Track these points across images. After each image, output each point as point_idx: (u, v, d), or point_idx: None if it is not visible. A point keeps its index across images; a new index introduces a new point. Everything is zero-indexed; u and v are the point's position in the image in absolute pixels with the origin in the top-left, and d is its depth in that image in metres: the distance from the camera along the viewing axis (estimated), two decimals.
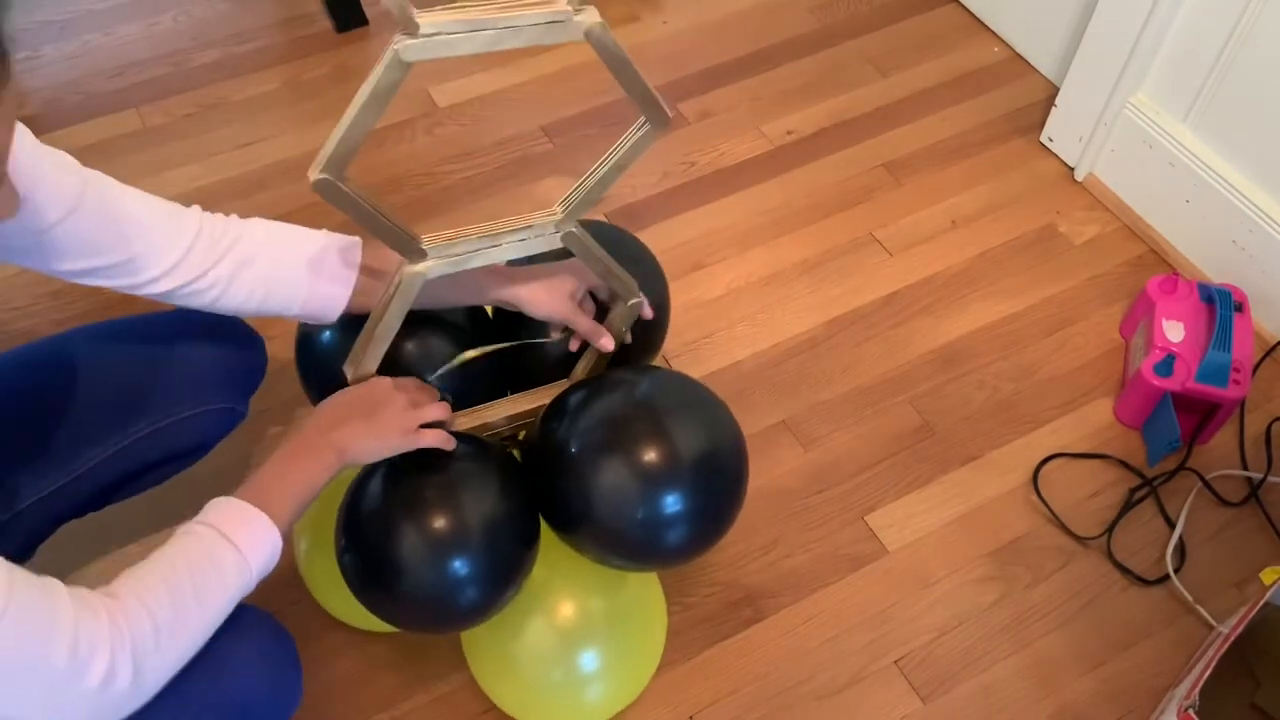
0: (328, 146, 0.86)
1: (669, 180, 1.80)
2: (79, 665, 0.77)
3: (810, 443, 1.52)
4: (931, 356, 1.62)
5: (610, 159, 0.99)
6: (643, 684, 1.27)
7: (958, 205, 1.80)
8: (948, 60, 2.01)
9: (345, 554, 1.06)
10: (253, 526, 0.92)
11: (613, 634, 1.21)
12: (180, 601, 0.86)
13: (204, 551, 0.89)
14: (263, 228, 1.05)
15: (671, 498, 1.05)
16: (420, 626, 1.14)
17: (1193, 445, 1.51)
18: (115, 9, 2.02)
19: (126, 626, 0.81)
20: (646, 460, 1.04)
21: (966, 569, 1.42)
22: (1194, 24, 1.57)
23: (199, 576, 0.88)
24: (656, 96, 0.93)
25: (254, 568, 0.92)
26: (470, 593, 1.04)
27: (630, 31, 2.03)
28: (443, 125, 1.86)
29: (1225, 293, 1.51)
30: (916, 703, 1.32)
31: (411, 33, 0.80)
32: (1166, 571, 1.41)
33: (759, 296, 1.67)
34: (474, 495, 1.05)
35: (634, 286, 1.13)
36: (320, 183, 0.88)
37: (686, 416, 1.09)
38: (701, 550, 1.13)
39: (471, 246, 1.00)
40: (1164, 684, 1.33)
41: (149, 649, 0.82)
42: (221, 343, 1.19)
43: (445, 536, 1.02)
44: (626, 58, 0.89)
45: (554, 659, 1.19)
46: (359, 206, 0.91)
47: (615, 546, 1.09)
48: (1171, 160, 1.67)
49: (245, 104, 1.89)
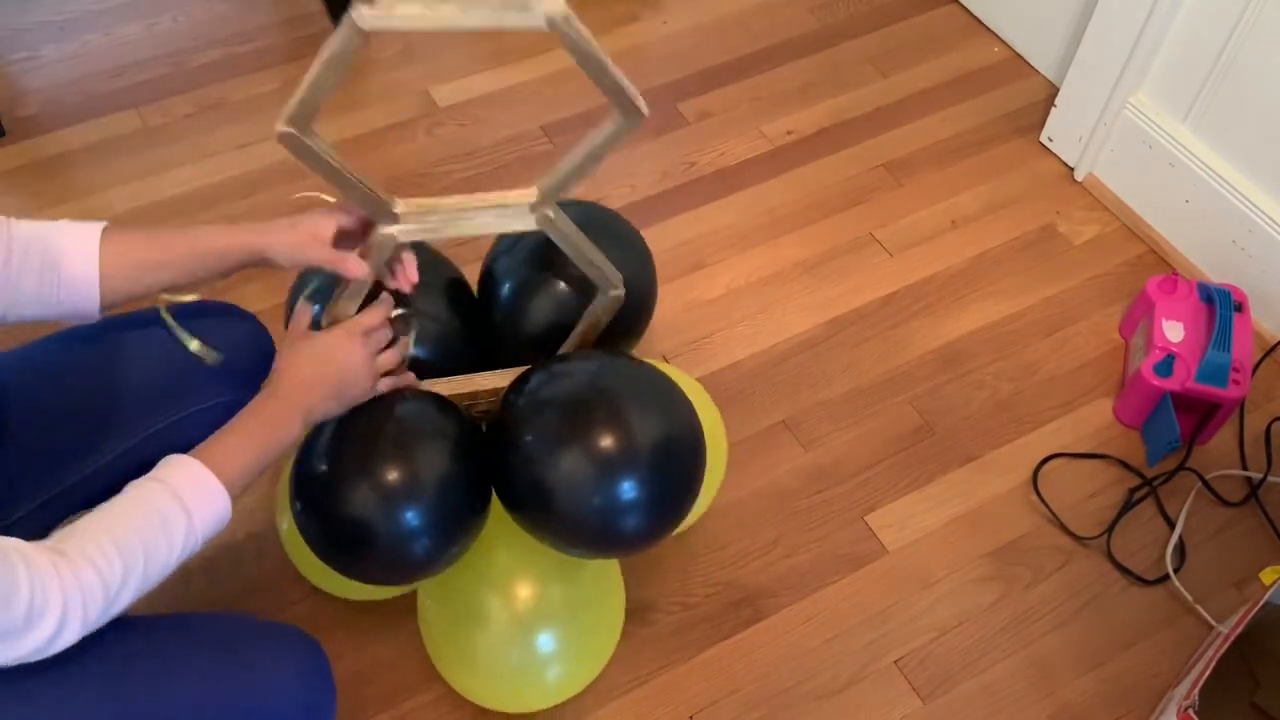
0: (290, 103, 0.88)
1: (669, 180, 1.80)
2: (30, 625, 0.81)
3: (810, 443, 1.52)
4: (931, 356, 1.62)
5: (584, 149, 0.98)
6: (601, 664, 1.26)
7: (958, 205, 1.80)
8: (948, 60, 2.01)
9: (301, 512, 1.06)
10: (206, 493, 0.92)
11: (570, 616, 1.20)
12: (130, 564, 0.87)
13: (155, 512, 0.89)
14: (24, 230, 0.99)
15: (627, 484, 1.04)
16: (376, 579, 1.12)
17: (1192, 445, 1.51)
18: (115, 9, 2.02)
19: (79, 590, 0.83)
20: (602, 446, 1.03)
21: (966, 569, 1.42)
22: (1194, 24, 1.57)
23: (149, 539, 0.88)
24: (629, 90, 0.92)
25: (200, 535, 0.92)
26: (422, 543, 1.03)
27: (630, 31, 2.03)
28: (443, 125, 1.86)
29: (1225, 293, 1.51)
30: (916, 703, 1.32)
31: (370, 2, 0.82)
32: (1166, 571, 1.41)
33: (759, 296, 1.68)
34: (424, 446, 1.04)
35: (616, 278, 1.12)
36: (285, 135, 0.90)
37: (643, 403, 1.08)
38: (655, 539, 1.12)
39: (444, 217, 1.00)
40: (1164, 684, 1.33)
41: (96, 610, 0.85)
42: (226, 332, 1.17)
43: (396, 485, 1.02)
44: (594, 51, 0.88)
45: (511, 642, 1.18)
46: (325, 163, 0.93)
47: (569, 533, 1.08)
48: (1171, 160, 1.67)
49: (245, 104, 1.89)
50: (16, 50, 1.95)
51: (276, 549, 1.32)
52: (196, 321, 1.15)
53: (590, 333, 1.19)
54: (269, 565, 1.36)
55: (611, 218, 1.31)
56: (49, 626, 0.82)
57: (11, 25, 1.98)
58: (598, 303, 1.15)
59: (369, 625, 1.33)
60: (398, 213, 0.99)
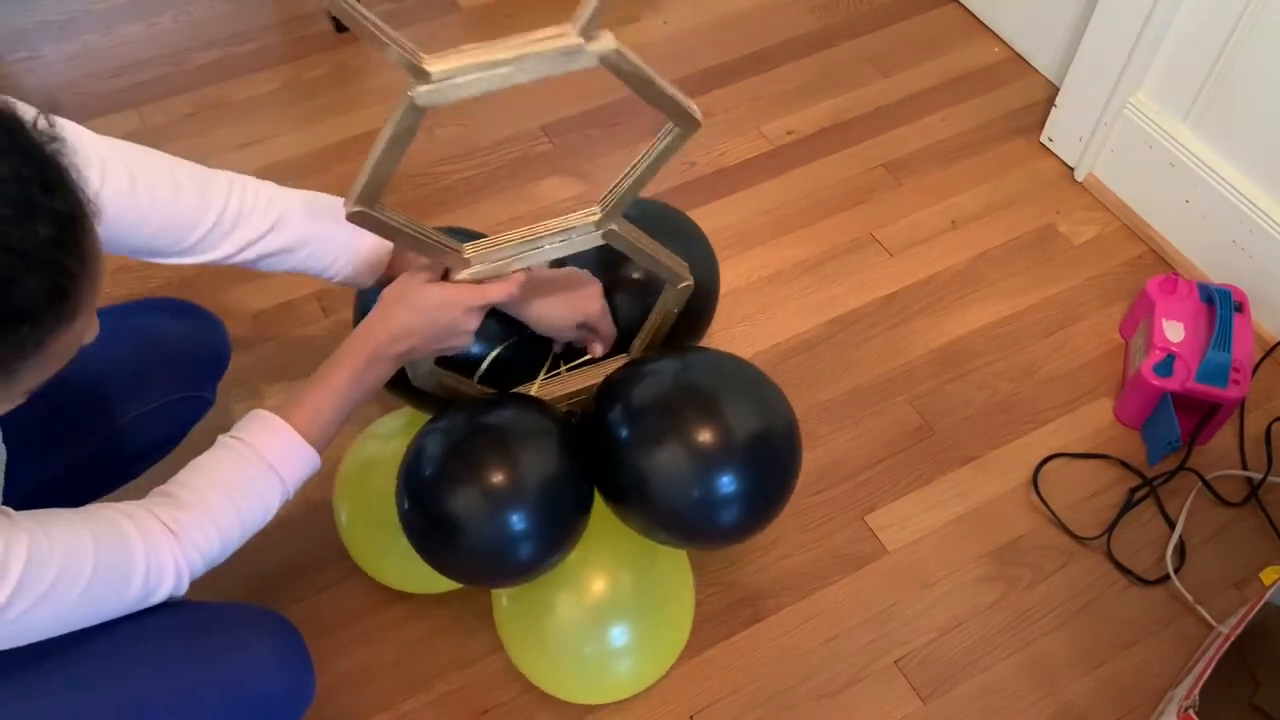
0: (358, 182, 0.89)
1: (669, 180, 1.80)
2: (147, 594, 0.90)
3: (810, 443, 1.52)
4: (931, 356, 1.62)
5: (643, 161, 0.99)
6: (671, 659, 1.29)
7: (958, 205, 1.80)
8: (948, 60, 2.01)
9: (407, 510, 1.08)
10: (298, 457, 0.97)
11: (641, 609, 1.23)
12: (228, 538, 0.94)
13: (253, 490, 0.95)
14: (300, 211, 1.06)
15: (726, 478, 1.06)
16: (474, 580, 1.16)
17: (1193, 445, 1.51)
18: (115, 9, 2.02)
19: (198, 552, 0.92)
20: (701, 441, 1.05)
21: (966, 569, 1.42)
22: (1194, 24, 1.57)
23: (246, 513, 0.95)
24: (683, 102, 0.93)
25: (293, 492, 0.99)
26: (525, 549, 1.06)
27: (630, 32, 2.03)
28: (443, 125, 1.86)
29: (1225, 293, 1.51)
30: (916, 703, 1.32)
31: (423, 79, 0.81)
32: (1166, 571, 1.41)
33: (759, 296, 1.67)
34: (531, 454, 1.06)
35: (683, 271, 1.13)
36: (356, 214, 0.91)
37: (740, 397, 1.10)
38: (755, 530, 1.14)
39: (513, 251, 1.02)
40: (1164, 684, 1.33)
41: (203, 567, 0.93)
42: (182, 330, 1.18)
43: (502, 492, 1.04)
44: (648, 74, 0.88)
45: (584, 633, 1.21)
46: (400, 231, 0.95)
47: (668, 524, 1.11)
48: (1171, 160, 1.67)
49: (245, 104, 1.89)
50: (16, 50, 1.95)
51: (314, 529, 1.34)
52: (146, 316, 1.17)
53: (663, 326, 1.20)
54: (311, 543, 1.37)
55: (663, 210, 1.31)
56: (164, 589, 0.91)
57: (11, 25, 1.98)
58: (667, 295, 1.16)
59: (387, 620, 1.34)
60: (468, 257, 1.00)
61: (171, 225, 0.99)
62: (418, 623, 1.34)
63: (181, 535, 0.90)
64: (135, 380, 1.14)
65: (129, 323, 1.15)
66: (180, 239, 1.00)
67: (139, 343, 1.15)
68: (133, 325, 1.15)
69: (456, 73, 0.82)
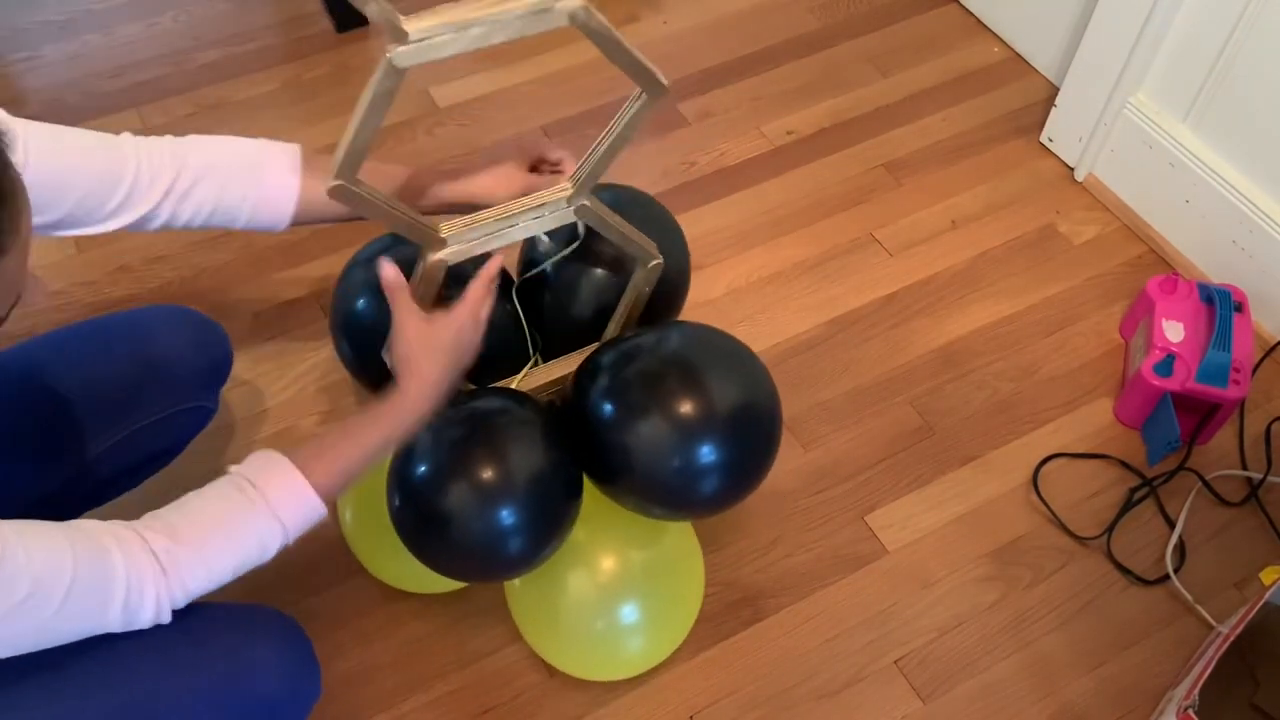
0: (338, 154, 0.90)
1: (669, 180, 1.80)
2: (129, 619, 0.88)
3: (810, 443, 1.52)
4: (931, 356, 1.62)
5: (612, 132, 1.01)
6: (682, 636, 1.30)
7: (958, 205, 1.80)
8: (948, 60, 2.01)
9: (398, 507, 1.08)
10: (303, 508, 0.95)
11: (652, 587, 1.25)
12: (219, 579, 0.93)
13: (253, 533, 0.93)
14: (204, 145, 1.05)
15: (707, 448, 1.07)
16: (469, 576, 1.17)
17: (1192, 445, 1.51)
18: (115, 9, 2.02)
19: (183, 590, 0.90)
20: (682, 412, 1.07)
21: (966, 569, 1.42)
22: (1194, 24, 1.57)
23: (242, 556, 0.93)
24: (649, 67, 0.94)
25: (293, 539, 0.96)
26: (516, 542, 1.06)
27: (630, 32, 2.02)
28: (443, 125, 1.86)
29: (1225, 293, 1.51)
30: (916, 703, 1.32)
31: (401, 40, 0.82)
32: (1166, 571, 1.41)
33: (759, 296, 1.68)
34: (517, 445, 1.07)
35: (653, 249, 1.14)
36: (336, 189, 0.92)
37: (719, 367, 1.11)
38: (739, 497, 1.16)
39: (488, 230, 1.03)
40: (1164, 684, 1.33)
41: (185, 601, 0.91)
42: (184, 339, 1.18)
43: (493, 487, 1.04)
44: (615, 35, 0.90)
45: (596, 610, 1.22)
46: (375, 206, 0.96)
47: (654, 496, 1.12)
48: (1171, 160, 1.67)
49: (245, 104, 1.89)
50: (17, 50, 1.95)
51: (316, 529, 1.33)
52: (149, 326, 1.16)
53: (636, 306, 1.21)
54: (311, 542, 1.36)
55: (635, 194, 1.33)
56: (146, 614, 0.89)
57: (12, 25, 1.98)
58: (638, 275, 1.17)
59: (387, 619, 1.34)
60: (444, 237, 1.01)
61: (99, 186, 0.98)
62: (418, 622, 1.34)
63: (170, 570, 0.88)
64: (136, 393, 1.13)
65: (130, 334, 1.15)
66: (106, 199, 0.99)
67: (139, 355, 1.14)
68: (134, 337, 1.15)
69: (433, 32, 0.83)
